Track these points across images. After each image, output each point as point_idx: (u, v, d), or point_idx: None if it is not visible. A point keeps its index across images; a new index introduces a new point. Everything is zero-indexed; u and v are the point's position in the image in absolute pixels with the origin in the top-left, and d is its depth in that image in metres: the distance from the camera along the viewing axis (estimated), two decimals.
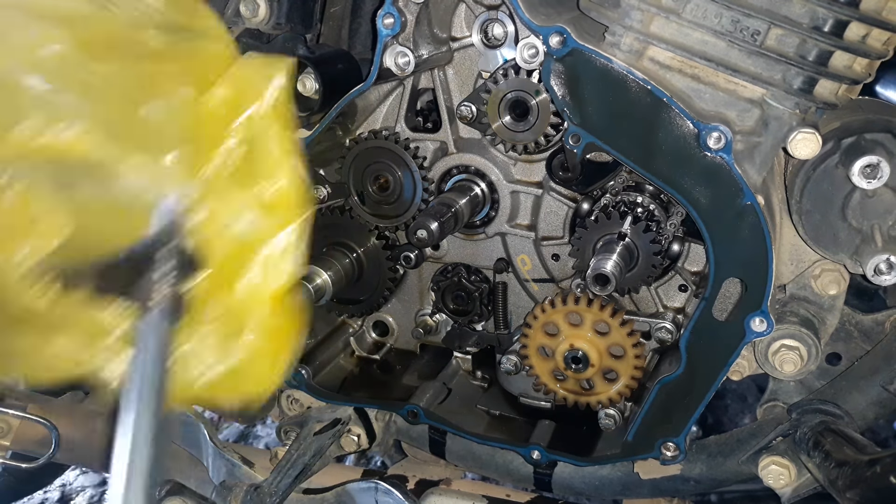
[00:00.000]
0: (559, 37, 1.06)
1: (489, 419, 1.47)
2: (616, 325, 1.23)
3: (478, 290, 1.41)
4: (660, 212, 1.25)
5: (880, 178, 1.03)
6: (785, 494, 1.26)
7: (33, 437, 1.62)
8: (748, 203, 1.07)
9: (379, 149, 1.33)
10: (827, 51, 0.99)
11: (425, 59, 1.24)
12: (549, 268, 1.35)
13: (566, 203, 1.30)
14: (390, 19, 1.18)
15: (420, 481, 1.51)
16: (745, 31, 1.00)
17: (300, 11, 1.34)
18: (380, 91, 1.35)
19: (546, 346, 1.29)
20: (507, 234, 1.36)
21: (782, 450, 1.26)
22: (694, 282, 1.30)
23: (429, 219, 1.21)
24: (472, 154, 1.32)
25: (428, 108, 1.43)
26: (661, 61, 1.06)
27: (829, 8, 0.97)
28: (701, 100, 1.07)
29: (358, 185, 1.37)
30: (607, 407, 1.33)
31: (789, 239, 1.22)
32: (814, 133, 1.02)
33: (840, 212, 1.12)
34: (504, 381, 1.45)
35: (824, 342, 1.25)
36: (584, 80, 1.08)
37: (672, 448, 1.28)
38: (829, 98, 1.03)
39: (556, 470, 1.44)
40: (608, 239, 1.21)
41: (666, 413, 1.26)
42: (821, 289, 1.23)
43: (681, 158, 1.08)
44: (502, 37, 1.27)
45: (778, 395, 1.32)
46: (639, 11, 1.03)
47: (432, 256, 1.43)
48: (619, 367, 1.26)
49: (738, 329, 1.15)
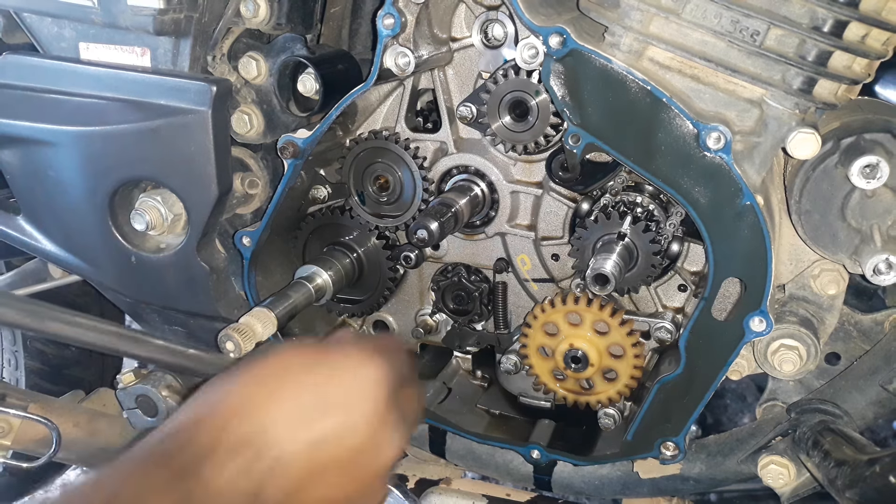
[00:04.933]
0: (559, 37, 1.07)
1: (489, 418, 1.48)
2: (616, 324, 1.23)
3: (478, 289, 1.41)
4: (659, 212, 1.26)
5: (879, 178, 1.03)
6: (784, 494, 1.26)
7: (34, 436, 1.62)
8: (748, 203, 1.07)
9: (379, 149, 1.33)
10: (826, 51, 0.99)
11: (425, 60, 1.25)
12: (549, 268, 1.36)
13: (566, 203, 1.31)
14: (390, 20, 1.18)
15: (420, 480, 1.52)
16: (745, 32, 1.00)
17: (300, 12, 1.34)
18: (380, 91, 1.36)
19: (546, 346, 1.29)
20: (507, 234, 1.36)
21: (781, 449, 1.26)
22: (693, 282, 1.30)
23: (429, 219, 1.22)
24: (472, 154, 1.32)
25: (428, 109, 1.43)
26: (660, 61, 1.06)
27: (828, 8, 0.97)
28: (700, 100, 1.07)
29: (358, 185, 1.37)
30: (607, 406, 1.34)
31: (789, 239, 1.22)
32: (813, 133, 1.02)
33: (839, 212, 1.12)
34: (504, 380, 1.45)
35: (823, 342, 1.25)
36: (584, 81, 1.08)
37: (671, 447, 1.28)
38: (829, 98, 1.03)
39: (555, 469, 1.44)
40: (608, 239, 1.22)
41: (665, 412, 1.26)
42: (820, 289, 1.23)
43: (680, 158, 1.08)
44: (502, 37, 1.28)
45: (777, 395, 1.32)
46: (638, 12, 1.04)
47: (432, 256, 1.43)
48: (618, 367, 1.26)
49: (737, 329, 1.15)
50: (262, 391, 0.87)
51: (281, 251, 1.45)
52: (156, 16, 1.24)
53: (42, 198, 1.45)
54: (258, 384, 0.88)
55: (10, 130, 1.40)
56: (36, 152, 1.40)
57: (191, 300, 1.45)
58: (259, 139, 1.38)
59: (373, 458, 0.91)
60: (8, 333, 2.27)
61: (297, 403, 0.86)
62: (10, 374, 2.27)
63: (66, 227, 1.47)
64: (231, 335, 1.14)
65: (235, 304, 1.47)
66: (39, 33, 1.36)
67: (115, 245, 1.42)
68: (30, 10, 1.34)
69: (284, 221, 1.41)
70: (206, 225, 1.36)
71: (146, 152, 1.32)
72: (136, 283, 1.48)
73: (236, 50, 1.34)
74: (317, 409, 0.87)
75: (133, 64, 1.32)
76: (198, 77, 1.29)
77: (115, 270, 1.47)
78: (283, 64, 1.33)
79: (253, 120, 1.35)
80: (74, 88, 1.34)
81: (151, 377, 1.54)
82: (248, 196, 1.44)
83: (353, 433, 0.88)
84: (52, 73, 1.34)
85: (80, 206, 1.41)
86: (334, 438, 0.87)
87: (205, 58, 1.31)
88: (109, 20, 1.28)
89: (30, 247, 1.52)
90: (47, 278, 1.91)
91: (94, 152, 1.35)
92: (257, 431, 0.82)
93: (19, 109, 1.38)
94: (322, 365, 0.92)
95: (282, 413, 0.85)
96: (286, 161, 1.29)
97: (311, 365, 0.92)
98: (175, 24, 1.26)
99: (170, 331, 1.59)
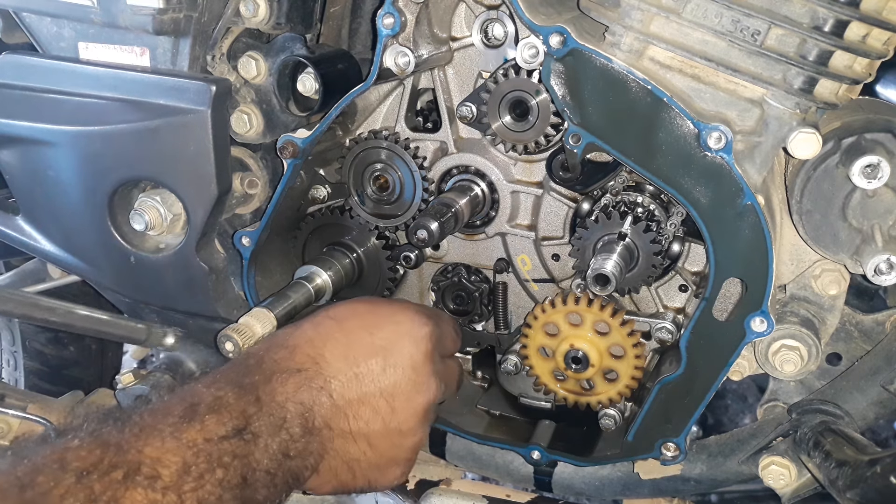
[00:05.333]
0: (559, 37, 1.06)
1: (489, 419, 1.47)
2: (616, 325, 1.23)
3: (478, 290, 1.41)
4: (660, 212, 1.25)
5: (880, 177, 1.03)
6: (785, 494, 1.26)
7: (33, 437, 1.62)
8: (748, 203, 1.06)
9: (379, 149, 1.33)
10: (827, 51, 0.99)
11: (425, 59, 1.24)
12: (550, 268, 1.35)
13: (566, 203, 1.30)
14: (390, 19, 1.18)
15: (420, 481, 1.52)
16: (746, 31, 1.00)
17: (300, 11, 1.34)
18: (380, 91, 1.35)
19: (546, 346, 1.29)
20: (508, 234, 1.36)
21: (782, 450, 1.26)
22: (694, 282, 1.30)
23: (429, 219, 1.21)
24: (472, 154, 1.32)
25: (428, 108, 1.43)
26: (661, 61, 1.06)
27: (829, 8, 0.97)
28: (701, 100, 1.07)
29: (358, 185, 1.37)
30: (607, 407, 1.33)
31: (790, 239, 1.22)
32: (814, 133, 1.02)
33: (840, 212, 1.12)
34: (504, 381, 1.45)
35: (824, 342, 1.25)
36: (584, 80, 1.08)
37: (672, 448, 1.28)
38: (830, 98, 1.03)
39: (556, 470, 1.44)
40: (608, 239, 1.21)
41: (666, 413, 1.26)
42: (821, 289, 1.23)
43: (681, 158, 1.08)
44: (502, 37, 1.27)
45: (778, 395, 1.32)
46: (639, 11, 1.03)
47: (432, 256, 1.43)
48: (619, 368, 1.26)
49: (738, 329, 1.15)
50: (321, 332, 1.09)
51: (280, 251, 1.45)
52: (155, 15, 1.24)
53: (41, 198, 1.45)
54: (317, 327, 1.10)
55: (10, 130, 1.40)
56: (35, 152, 1.40)
57: (190, 300, 1.45)
58: (258, 139, 1.37)
59: (411, 395, 1.10)
60: (7, 334, 2.26)
61: (346, 343, 1.08)
62: (10, 374, 2.27)
63: (66, 228, 1.47)
64: (230, 335, 1.14)
65: (235, 305, 1.46)
66: (39, 33, 1.36)
67: (115, 245, 1.42)
68: (29, 10, 1.34)
69: (284, 221, 1.40)
70: (206, 225, 1.36)
71: (145, 152, 1.32)
72: (135, 283, 1.47)
73: (236, 49, 1.34)
74: (362, 348, 1.08)
75: (132, 63, 1.31)
76: (197, 77, 1.29)
77: (114, 271, 1.47)
78: (282, 63, 1.33)
79: (252, 120, 1.35)
80: (74, 88, 1.34)
81: (150, 378, 1.54)
82: (247, 196, 1.44)
83: (394, 370, 1.08)
84: (52, 73, 1.34)
85: (80, 206, 1.41)
86: (377, 372, 1.07)
87: (204, 57, 1.31)
88: (109, 20, 1.28)
89: (29, 247, 1.52)
90: (46, 278, 1.91)
91: (94, 152, 1.35)
92: (312, 361, 1.04)
93: (18, 109, 1.37)
94: (375, 315, 1.14)
95: (333, 350, 1.06)
96: (286, 161, 1.29)
97: (366, 314, 1.13)
98: (174, 24, 1.26)
99: None
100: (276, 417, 0.96)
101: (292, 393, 0.99)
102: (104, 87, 1.32)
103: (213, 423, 0.90)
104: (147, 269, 1.43)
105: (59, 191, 1.42)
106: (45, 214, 1.47)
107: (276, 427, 0.95)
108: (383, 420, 1.08)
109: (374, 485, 1.13)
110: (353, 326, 1.10)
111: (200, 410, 0.91)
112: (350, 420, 1.05)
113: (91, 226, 1.42)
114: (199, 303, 1.44)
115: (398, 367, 1.09)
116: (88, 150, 1.35)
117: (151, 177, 1.36)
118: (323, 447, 1.02)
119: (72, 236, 1.47)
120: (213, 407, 0.92)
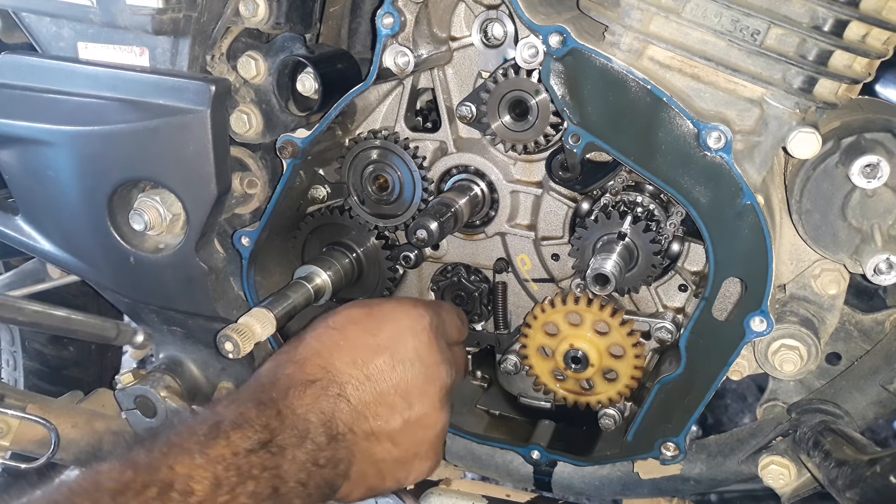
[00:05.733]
0: (559, 36, 1.06)
1: (489, 419, 1.47)
2: (616, 324, 1.23)
3: (477, 289, 1.41)
4: (660, 211, 1.25)
5: (880, 177, 1.03)
6: (785, 494, 1.26)
7: (33, 437, 1.62)
8: (748, 203, 1.06)
9: (378, 148, 1.33)
10: (827, 50, 0.99)
11: (425, 59, 1.24)
12: (549, 268, 1.35)
13: (566, 203, 1.30)
14: (390, 19, 1.18)
15: (420, 481, 1.51)
16: (745, 31, 1.00)
17: (300, 11, 1.34)
18: (379, 91, 1.35)
19: (546, 346, 1.29)
20: (507, 233, 1.35)
21: (782, 449, 1.26)
22: (694, 281, 1.30)
23: (428, 219, 1.21)
24: (472, 154, 1.32)
25: (427, 108, 1.43)
26: (660, 61, 1.06)
27: (828, 7, 0.97)
28: (701, 99, 1.07)
29: (357, 184, 1.37)
30: (607, 407, 1.33)
31: (789, 238, 1.22)
32: (814, 133, 1.02)
33: (840, 211, 1.12)
34: (504, 380, 1.45)
35: (824, 342, 1.25)
36: (584, 80, 1.08)
37: (672, 448, 1.28)
38: (829, 97, 1.03)
39: (555, 470, 1.44)
40: (608, 239, 1.21)
41: (666, 413, 1.26)
42: (821, 288, 1.23)
43: (681, 158, 1.08)
44: (502, 36, 1.27)
45: (778, 395, 1.32)
46: (638, 11, 1.03)
47: (432, 256, 1.43)
48: (619, 367, 1.26)
49: (737, 329, 1.15)
50: (325, 343, 1.11)
51: (280, 251, 1.45)
52: (154, 15, 1.24)
53: (41, 198, 1.45)
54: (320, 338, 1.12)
55: (9, 130, 1.39)
56: (34, 152, 1.40)
57: (189, 300, 1.45)
58: (258, 139, 1.37)
59: (424, 386, 1.12)
60: (7, 334, 2.26)
61: (351, 349, 1.10)
62: (9, 374, 2.27)
63: (65, 228, 1.47)
64: (230, 335, 1.14)
65: (234, 305, 1.46)
66: (38, 33, 1.35)
67: (114, 245, 1.42)
68: (28, 10, 1.34)
69: (283, 221, 1.40)
70: (205, 225, 1.36)
71: (145, 152, 1.32)
72: (134, 283, 1.47)
73: (235, 49, 1.33)
74: (368, 350, 1.10)
75: (132, 63, 1.31)
76: (196, 76, 1.29)
77: (114, 271, 1.47)
78: (282, 63, 1.33)
79: (252, 119, 1.35)
80: (73, 88, 1.33)
81: (150, 378, 1.54)
82: (246, 196, 1.44)
83: (402, 366, 1.11)
84: (51, 73, 1.34)
85: (79, 206, 1.41)
86: (386, 371, 1.10)
87: (203, 57, 1.31)
88: (108, 20, 1.27)
89: (28, 247, 1.52)
90: (46, 278, 1.91)
91: (93, 152, 1.35)
92: (324, 371, 1.06)
93: (18, 109, 1.37)
94: (374, 316, 1.15)
95: (341, 357, 1.08)
96: (285, 161, 1.28)
97: (364, 318, 1.15)
98: (174, 24, 1.26)
99: (168, 331, 1.59)
100: (300, 429, 0.98)
101: (311, 403, 1.01)
102: (103, 86, 1.31)
103: (238, 438, 0.92)
104: (146, 269, 1.42)
105: (58, 191, 1.41)
106: (44, 214, 1.47)
107: (301, 438, 0.97)
108: (401, 415, 1.10)
109: (402, 483, 1.16)
110: (355, 332, 1.13)
111: (224, 427, 0.93)
112: (370, 420, 1.08)
113: (90, 226, 1.42)
114: (198, 303, 1.44)
115: (406, 362, 1.12)
116: (88, 150, 1.35)
117: (151, 177, 1.36)
118: (350, 452, 1.04)
119: (71, 236, 1.47)
120: (237, 423, 0.94)
